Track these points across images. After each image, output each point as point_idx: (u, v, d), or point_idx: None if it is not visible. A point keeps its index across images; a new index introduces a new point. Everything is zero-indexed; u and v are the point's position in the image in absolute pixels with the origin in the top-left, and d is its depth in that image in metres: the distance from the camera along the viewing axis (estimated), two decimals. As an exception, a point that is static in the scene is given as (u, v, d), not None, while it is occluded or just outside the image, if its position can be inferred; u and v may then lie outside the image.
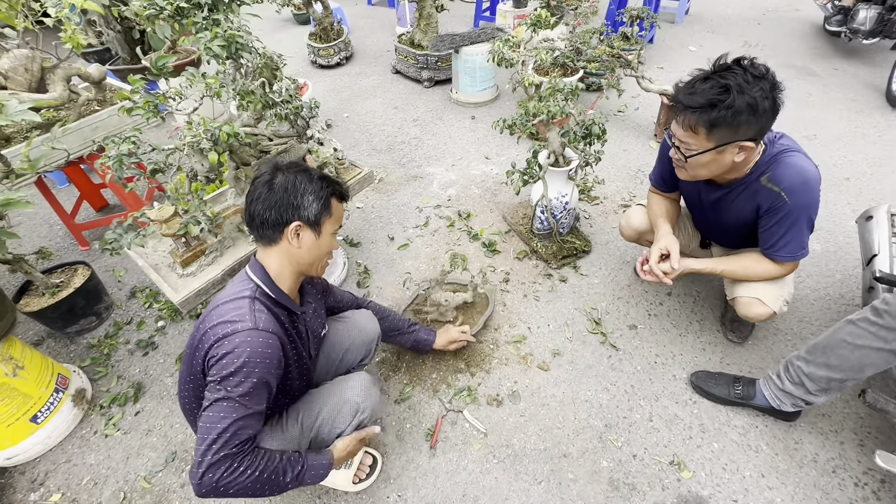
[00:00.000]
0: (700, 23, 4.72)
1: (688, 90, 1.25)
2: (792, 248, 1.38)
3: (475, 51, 3.33)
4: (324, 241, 1.14)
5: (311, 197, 1.10)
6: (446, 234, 2.50)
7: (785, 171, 1.32)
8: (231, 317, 1.02)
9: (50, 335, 2.14)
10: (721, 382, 1.68)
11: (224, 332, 1.00)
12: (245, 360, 0.98)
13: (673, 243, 1.49)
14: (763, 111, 1.19)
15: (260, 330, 1.01)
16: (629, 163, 2.90)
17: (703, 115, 1.21)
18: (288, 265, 1.14)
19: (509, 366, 1.86)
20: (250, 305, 1.05)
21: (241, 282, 1.13)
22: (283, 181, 1.10)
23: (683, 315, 2.00)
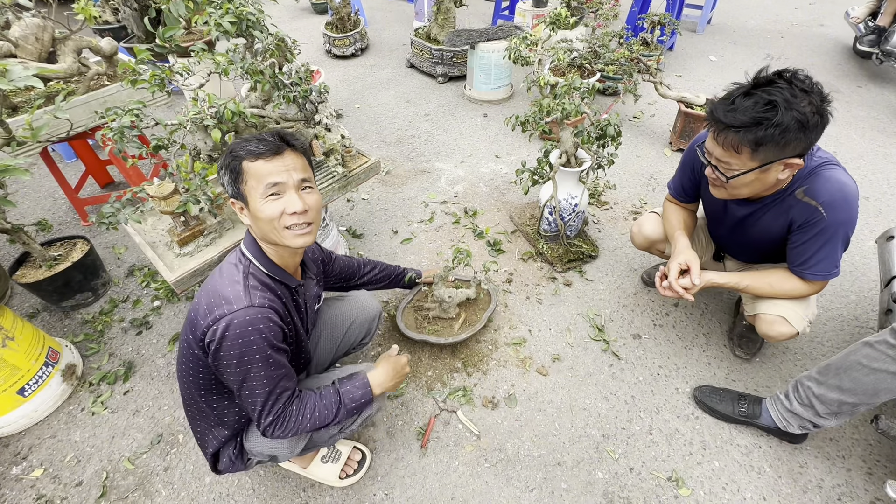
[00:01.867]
0: (721, 33, 4.64)
1: (727, 107, 1.15)
2: (825, 266, 1.30)
3: (491, 48, 3.28)
4: (253, 208, 1.01)
5: (223, 171, 1.04)
6: (451, 231, 2.45)
7: (824, 184, 1.23)
8: (226, 294, 0.99)
9: (45, 308, 2.12)
10: (725, 399, 1.62)
11: (220, 314, 0.96)
12: (248, 339, 0.96)
13: (693, 258, 1.43)
14: (813, 126, 1.10)
15: (256, 307, 0.98)
16: (642, 169, 2.84)
17: (748, 133, 1.12)
18: (259, 239, 1.10)
19: (507, 368, 1.81)
20: (244, 282, 1.02)
21: (234, 256, 1.10)
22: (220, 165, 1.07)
23: (690, 327, 1.94)
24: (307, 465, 1.50)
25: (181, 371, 1.12)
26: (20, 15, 2.15)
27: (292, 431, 1.05)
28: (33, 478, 1.55)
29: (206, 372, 1.07)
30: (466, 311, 1.92)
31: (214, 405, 1.15)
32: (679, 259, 1.44)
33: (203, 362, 1.04)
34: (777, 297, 1.43)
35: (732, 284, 1.44)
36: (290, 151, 1.04)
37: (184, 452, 1.59)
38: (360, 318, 1.52)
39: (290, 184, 1.02)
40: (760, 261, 1.61)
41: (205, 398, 1.13)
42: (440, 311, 1.88)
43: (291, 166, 1.03)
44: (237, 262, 1.07)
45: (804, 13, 5.05)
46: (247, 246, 1.10)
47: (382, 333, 1.95)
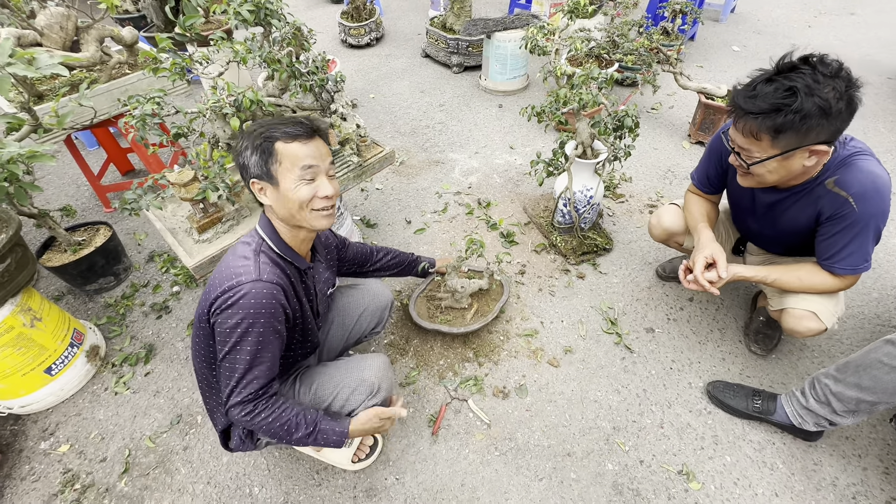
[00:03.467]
0: (745, 22, 4.50)
1: (748, 93, 1.14)
2: (854, 259, 1.26)
3: (508, 37, 3.24)
4: (285, 189, 1.03)
5: (249, 152, 1.04)
6: (464, 222, 2.45)
7: (856, 175, 1.20)
8: (236, 268, 1.02)
9: (70, 291, 2.19)
10: (739, 394, 1.61)
11: (230, 285, 0.99)
12: (249, 311, 0.98)
13: (719, 251, 1.40)
14: (837, 112, 1.07)
15: (264, 281, 1.01)
16: (659, 162, 2.80)
17: (767, 120, 1.10)
18: (278, 220, 1.11)
19: (518, 359, 1.82)
20: (255, 258, 1.04)
21: (249, 235, 1.13)
22: (239, 147, 1.07)
23: (704, 322, 1.92)
24: (320, 448, 1.53)
25: (195, 348, 1.15)
26: (45, 4, 2.19)
27: (257, 426, 1.04)
28: (60, 453, 1.62)
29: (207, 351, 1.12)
30: (479, 302, 1.93)
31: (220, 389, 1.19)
32: (705, 252, 1.42)
33: (212, 335, 1.07)
34: (806, 292, 1.39)
35: (760, 278, 1.41)
36: (319, 137, 1.08)
37: (202, 433, 1.64)
38: (371, 307, 1.54)
39: (323, 168, 1.06)
40: (787, 253, 1.57)
41: (216, 374, 1.17)
42: (453, 301, 1.89)
43: (324, 151, 1.08)
44: (250, 240, 1.10)
45: (834, 1, 4.87)
46: (261, 226, 1.12)
47: (395, 322, 1.97)
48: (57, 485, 1.53)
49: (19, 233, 1.63)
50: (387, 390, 1.32)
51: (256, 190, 1.08)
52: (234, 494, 1.49)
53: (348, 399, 1.24)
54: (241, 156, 1.06)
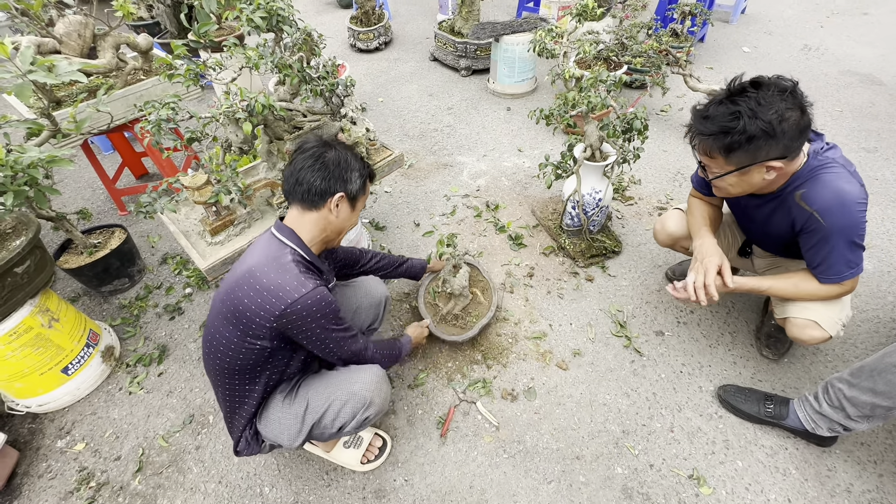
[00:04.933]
0: (756, 23, 4.47)
1: (702, 114, 1.22)
2: (837, 268, 1.27)
3: (516, 40, 3.25)
4: (354, 215, 1.27)
5: (356, 174, 1.22)
6: (472, 224, 2.46)
7: (819, 190, 1.23)
8: (285, 283, 1.07)
9: (85, 293, 2.23)
10: (751, 399, 1.59)
11: (291, 300, 1.05)
12: (325, 312, 1.11)
13: (725, 261, 1.41)
14: (782, 132, 1.13)
15: (318, 288, 1.10)
16: (668, 164, 2.78)
17: (717, 141, 1.18)
18: (321, 231, 1.21)
19: (527, 361, 1.82)
20: (298, 268, 1.10)
21: (274, 247, 1.14)
22: (335, 156, 1.19)
23: (715, 325, 1.90)
24: (330, 449, 1.55)
25: (217, 358, 1.15)
26: (64, 13, 2.25)
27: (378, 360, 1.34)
28: (76, 451, 1.65)
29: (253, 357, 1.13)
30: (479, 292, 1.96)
31: (247, 388, 1.20)
32: (715, 260, 1.41)
33: (255, 349, 1.11)
34: (805, 299, 1.39)
35: (753, 286, 1.41)
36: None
37: (213, 433, 1.67)
38: (365, 304, 1.55)
39: None
40: (786, 253, 1.56)
41: (238, 382, 1.18)
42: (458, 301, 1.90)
43: None
44: (279, 252, 1.12)
45: (847, 1, 4.81)
46: (287, 236, 1.16)
47: (404, 325, 1.98)
48: (73, 482, 1.56)
49: (38, 235, 1.67)
50: (380, 404, 1.29)
51: (335, 202, 1.18)
52: (245, 494, 1.50)
53: (339, 412, 1.23)
54: (344, 170, 1.19)
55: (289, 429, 1.22)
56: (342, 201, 1.20)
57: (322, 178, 1.16)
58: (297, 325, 1.09)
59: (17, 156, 1.45)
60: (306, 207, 1.19)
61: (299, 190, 1.17)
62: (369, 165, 1.29)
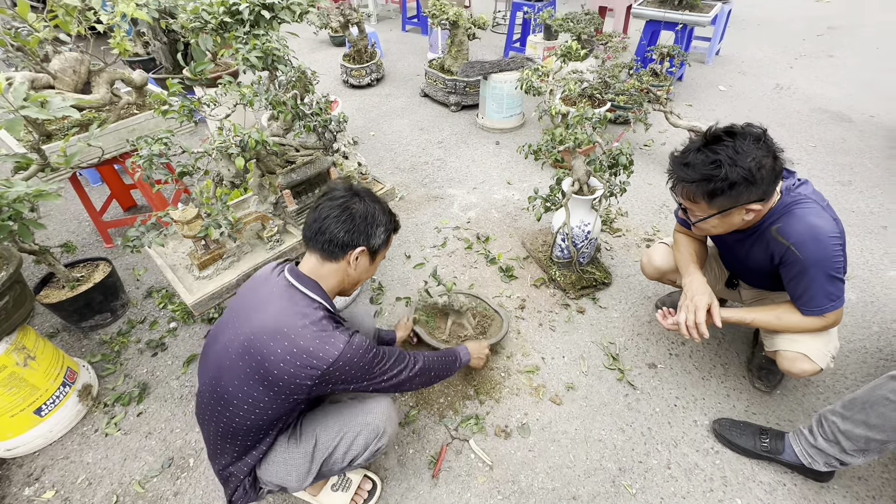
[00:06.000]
0: (730, 64, 4.71)
1: (682, 161, 1.27)
2: (818, 301, 1.30)
3: (504, 78, 3.37)
4: (373, 268, 1.26)
5: (382, 229, 1.20)
6: (463, 256, 2.47)
7: (793, 224, 1.28)
8: (326, 344, 1.04)
9: (65, 328, 2.16)
10: (746, 433, 1.57)
11: (332, 359, 1.03)
12: (366, 359, 1.09)
13: (714, 299, 1.43)
14: (761, 179, 1.19)
15: (353, 337, 1.08)
16: (653, 197, 2.85)
17: (700, 187, 1.23)
18: (339, 283, 1.20)
19: (520, 396, 1.79)
20: (331, 324, 1.08)
21: (300, 301, 1.09)
22: (363, 209, 1.17)
23: (707, 357, 1.90)
24: (317, 493, 1.48)
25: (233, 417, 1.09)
26: (60, 49, 2.28)
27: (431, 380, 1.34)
28: (45, 500, 1.55)
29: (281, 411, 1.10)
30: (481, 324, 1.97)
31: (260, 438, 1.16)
32: (704, 299, 1.42)
33: (286, 404, 1.09)
34: (790, 331, 1.40)
35: (738, 319, 1.43)
36: None
37: (194, 477, 1.59)
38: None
39: None
40: (771, 286, 1.59)
41: (252, 437, 1.14)
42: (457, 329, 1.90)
43: None
44: (309, 309, 1.08)
45: (812, 44, 5.12)
46: (312, 289, 1.12)
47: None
48: (39, 535, 1.46)
49: (19, 270, 1.63)
50: (392, 433, 1.28)
51: (354, 258, 1.16)
52: (225, 544, 1.42)
53: (352, 444, 1.20)
54: (370, 224, 1.16)
55: (297, 469, 1.17)
56: (362, 255, 1.17)
57: (346, 231, 1.13)
58: (341, 378, 1.07)
59: (3, 190, 1.43)
60: (325, 258, 1.15)
61: (321, 239, 1.14)
62: (396, 218, 1.27)
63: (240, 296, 1.20)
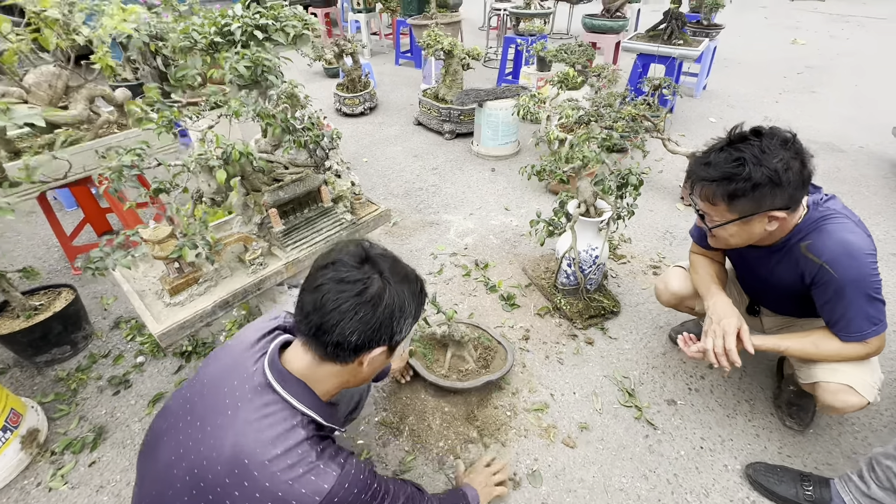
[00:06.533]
0: (718, 98, 4.81)
1: (703, 160, 1.19)
2: (858, 324, 1.18)
3: (499, 105, 3.35)
4: (390, 362, 0.99)
5: (411, 320, 0.86)
6: (461, 284, 2.32)
7: (825, 241, 1.18)
8: (305, 483, 0.75)
9: (17, 363, 1.93)
10: (786, 479, 1.40)
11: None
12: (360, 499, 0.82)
13: (743, 323, 1.30)
14: (787, 182, 1.09)
15: (345, 468, 0.80)
16: (656, 223, 2.77)
17: (720, 187, 1.14)
18: (340, 385, 0.90)
19: (529, 438, 1.60)
20: (314, 450, 0.78)
21: (275, 415, 0.79)
22: (389, 299, 0.81)
23: (730, 392, 1.75)
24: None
25: None
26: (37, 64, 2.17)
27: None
28: (-35, 573, 1.29)
29: None
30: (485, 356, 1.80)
31: None
32: (733, 322, 1.29)
33: None
34: (827, 360, 1.27)
35: (771, 346, 1.30)
36: None
37: (150, 541, 1.34)
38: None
39: None
40: (796, 311, 1.47)
41: None
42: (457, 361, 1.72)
43: None
44: (285, 429, 0.78)
45: (794, 82, 5.29)
46: (296, 396, 0.82)
47: (388, 396, 1.75)
48: None
49: (-38, 296, 1.43)
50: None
51: (368, 359, 0.84)
52: None
53: None
54: (398, 320, 0.83)
55: None
56: (381, 356, 0.86)
57: (362, 332, 0.79)
58: None
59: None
60: (327, 359, 0.84)
61: (324, 339, 0.80)
62: (425, 293, 0.92)
63: (200, 375, 0.90)
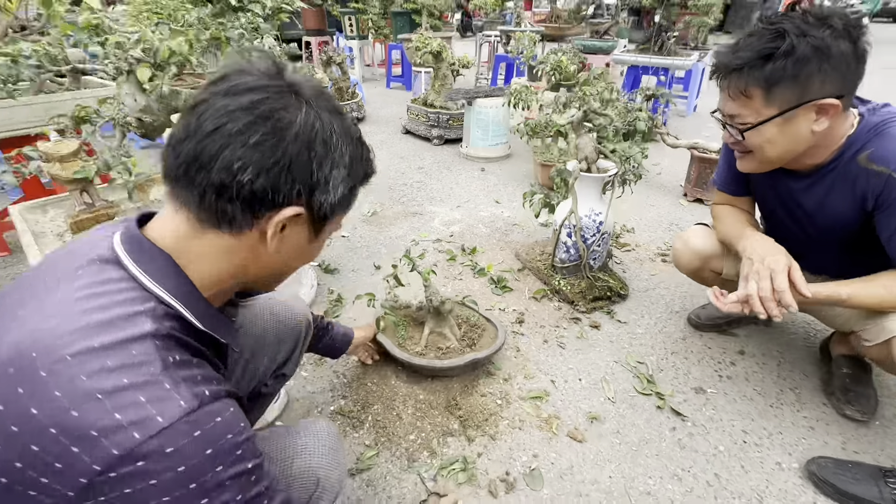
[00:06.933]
0: (708, 118, 4.79)
1: (731, 49, 0.98)
2: None
3: (489, 103, 3.21)
4: (314, 246, 0.62)
5: (342, 170, 0.56)
6: (445, 269, 2.03)
7: (892, 145, 0.96)
8: (131, 401, 0.43)
9: None
10: (861, 476, 1.07)
11: (132, 445, 0.41)
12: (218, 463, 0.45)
13: (793, 261, 1.04)
14: (839, 55, 0.88)
15: (210, 404, 0.47)
16: (660, 217, 2.55)
17: (755, 70, 0.93)
18: (234, 272, 0.57)
19: (525, 430, 1.26)
20: (165, 363, 0.46)
21: (115, 298, 0.48)
22: (308, 125, 0.51)
23: (769, 380, 1.43)
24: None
25: None
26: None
27: None
28: None
29: None
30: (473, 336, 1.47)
31: None
32: (781, 259, 1.03)
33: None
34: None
35: (829, 294, 1.03)
36: None
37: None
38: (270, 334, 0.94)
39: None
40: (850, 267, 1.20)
41: None
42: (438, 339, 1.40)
43: None
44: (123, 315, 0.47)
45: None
46: (153, 274, 0.51)
47: (349, 383, 1.40)
48: None
49: None
50: (340, 482, 0.78)
51: (275, 225, 0.53)
52: None
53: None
54: (322, 159, 0.53)
55: None
56: (295, 224, 0.55)
57: (259, 169, 0.49)
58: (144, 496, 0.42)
59: None
60: (207, 221, 0.52)
61: (198, 178, 0.49)
62: (369, 153, 0.62)
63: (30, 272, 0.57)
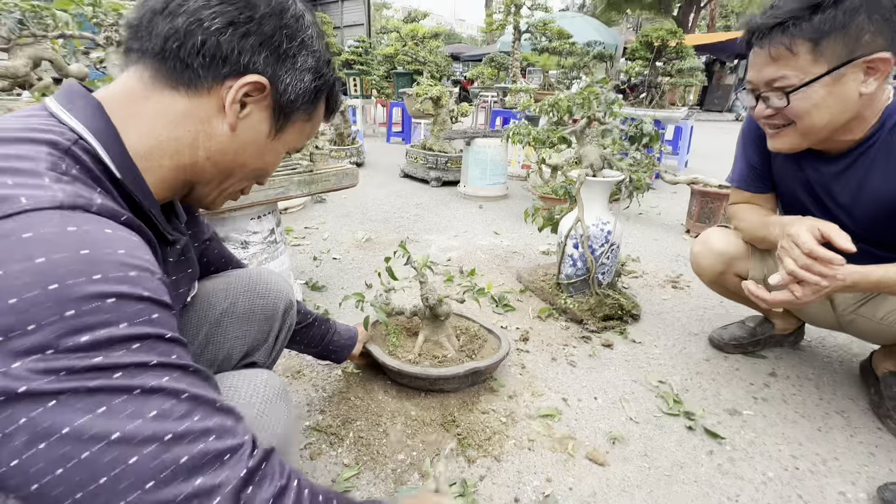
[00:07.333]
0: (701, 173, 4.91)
1: (767, 10, 0.91)
2: None
3: (488, 143, 3.26)
4: (273, 148, 0.58)
5: (311, 59, 0.55)
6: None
7: None
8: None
9: None
10: (949, 504, 0.88)
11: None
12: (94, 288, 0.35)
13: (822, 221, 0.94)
14: (890, 6, 0.83)
15: (93, 215, 0.39)
16: (665, 249, 2.46)
17: (802, 23, 0.85)
18: (179, 150, 0.51)
19: (536, 452, 1.05)
20: (51, 164, 0.40)
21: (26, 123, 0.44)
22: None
23: (809, 402, 1.25)
24: None
25: None
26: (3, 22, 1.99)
27: None
28: None
29: None
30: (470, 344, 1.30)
31: None
32: (805, 223, 0.93)
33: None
34: None
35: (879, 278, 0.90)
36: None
37: None
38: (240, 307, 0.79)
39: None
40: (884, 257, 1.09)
41: None
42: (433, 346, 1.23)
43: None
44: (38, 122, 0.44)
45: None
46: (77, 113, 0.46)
47: (330, 396, 1.21)
48: None
49: None
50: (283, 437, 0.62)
51: (239, 92, 0.50)
52: None
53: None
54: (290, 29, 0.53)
55: None
56: (257, 102, 0.53)
57: (226, 20, 0.48)
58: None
59: None
60: (160, 72, 0.49)
61: (165, 27, 0.48)
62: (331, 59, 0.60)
63: None
